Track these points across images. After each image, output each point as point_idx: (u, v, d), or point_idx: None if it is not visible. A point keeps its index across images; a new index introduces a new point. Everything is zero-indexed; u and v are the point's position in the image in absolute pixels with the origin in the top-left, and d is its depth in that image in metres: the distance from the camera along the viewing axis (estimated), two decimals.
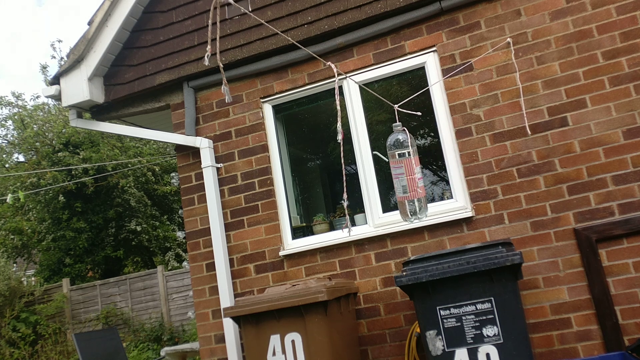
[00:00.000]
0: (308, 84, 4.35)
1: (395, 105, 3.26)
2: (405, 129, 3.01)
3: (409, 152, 2.96)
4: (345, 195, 2.61)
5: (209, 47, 2.04)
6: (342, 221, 4.26)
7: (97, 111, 4.89)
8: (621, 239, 3.45)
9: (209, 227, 4.38)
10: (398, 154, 2.96)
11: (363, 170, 4.13)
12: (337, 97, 2.60)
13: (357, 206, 4.22)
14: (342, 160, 2.67)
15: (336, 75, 2.60)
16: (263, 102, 4.50)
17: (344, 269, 4.05)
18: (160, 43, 4.67)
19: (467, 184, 3.82)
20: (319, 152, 5.04)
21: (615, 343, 3.36)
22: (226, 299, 4.19)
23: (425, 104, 4.06)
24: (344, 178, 2.68)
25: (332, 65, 2.55)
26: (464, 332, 3.04)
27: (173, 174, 17.17)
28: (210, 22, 2.16)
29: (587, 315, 3.46)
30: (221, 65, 2.09)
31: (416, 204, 2.96)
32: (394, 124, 3.02)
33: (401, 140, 2.96)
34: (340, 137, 2.46)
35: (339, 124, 2.45)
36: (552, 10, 3.79)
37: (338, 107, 2.48)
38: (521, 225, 3.67)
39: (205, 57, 1.98)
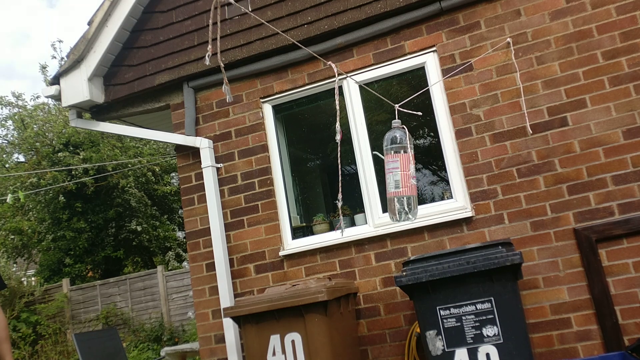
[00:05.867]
0: (308, 84, 4.35)
1: (396, 105, 3.26)
2: (404, 126, 2.99)
3: (405, 149, 2.92)
4: (339, 196, 2.60)
5: (209, 46, 2.04)
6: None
7: (97, 111, 4.89)
8: (621, 239, 3.45)
9: (209, 227, 4.37)
10: (394, 148, 2.92)
11: (363, 170, 4.13)
12: (336, 97, 2.59)
13: (357, 206, 4.22)
14: (339, 160, 2.66)
15: (336, 75, 2.61)
16: (263, 102, 4.50)
17: (344, 269, 4.05)
18: (160, 43, 4.67)
19: (467, 184, 3.82)
20: (319, 152, 5.05)
21: (615, 343, 3.36)
22: (226, 299, 4.19)
23: (425, 104, 4.05)
24: (340, 178, 2.67)
25: (333, 65, 2.55)
26: (463, 332, 3.04)
27: (173, 174, 17.18)
28: (210, 21, 2.17)
29: (587, 315, 3.46)
30: (222, 65, 2.08)
31: (406, 201, 2.87)
32: (393, 121, 3.00)
33: (399, 137, 2.94)
34: (338, 137, 2.46)
35: (337, 124, 2.45)
36: (552, 10, 3.79)
37: (337, 107, 2.49)
38: (521, 225, 3.67)
39: (206, 57, 1.98)
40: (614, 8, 3.65)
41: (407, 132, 2.96)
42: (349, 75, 4.05)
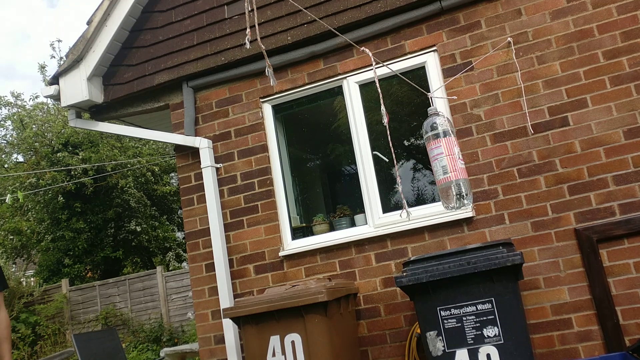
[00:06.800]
0: (308, 84, 4.34)
1: (429, 93, 3.27)
2: (441, 111, 2.95)
3: (446, 132, 2.84)
4: (398, 180, 2.58)
5: (248, 30, 2.05)
6: (342, 221, 4.24)
7: (96, 111, 4.88)
8: (622, 239, 3.44)
9: (209, 227, 4.36)
10: (436, 134, 2.85)
11: (363, 170, 4.12)
12: (377, 83, 2.57)
13: (357, 206, 4.20)
14: (391, 144, 2.65)
15: (373, 64, 2.61)
16: (263, 102, 4.49)
17: (344, 269, 4.04)
18: (159, 43, 4.65)
19: None
20: (318, 152, 5.03)
21: (616, 343, 3.35)
22: (226, 299, 4.18)
23: (425, 103, 4.04)
24: (395, 161, 2.66)
25: (368, 51, 2.56)
26: (464, 333, 3.02)
27: (172, 174, 17.16)
28: (247, 7, 2.21)
29: (587, 315, 3.45)
30: (264, 48, 2.13)
31: (462, 185, 2.76)
32: (429, 108, 2.95)
33: (438, 122, 2.89)
34: (385, 120, 2.45)
35: (382, 107, 2.44)
36: (552, 9, 3.78)
37: (379, 90, 2.48)
38: (522, 225, 3.66)
39: (246, 41, 2.02)
40: (614, 7, 3.64)
41: (445, 117, 2.92)
42: (386, 63, 4.01)
